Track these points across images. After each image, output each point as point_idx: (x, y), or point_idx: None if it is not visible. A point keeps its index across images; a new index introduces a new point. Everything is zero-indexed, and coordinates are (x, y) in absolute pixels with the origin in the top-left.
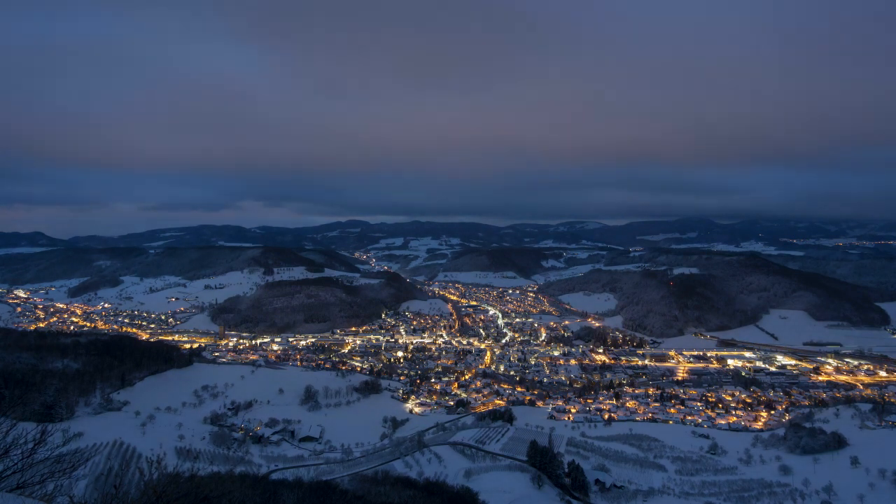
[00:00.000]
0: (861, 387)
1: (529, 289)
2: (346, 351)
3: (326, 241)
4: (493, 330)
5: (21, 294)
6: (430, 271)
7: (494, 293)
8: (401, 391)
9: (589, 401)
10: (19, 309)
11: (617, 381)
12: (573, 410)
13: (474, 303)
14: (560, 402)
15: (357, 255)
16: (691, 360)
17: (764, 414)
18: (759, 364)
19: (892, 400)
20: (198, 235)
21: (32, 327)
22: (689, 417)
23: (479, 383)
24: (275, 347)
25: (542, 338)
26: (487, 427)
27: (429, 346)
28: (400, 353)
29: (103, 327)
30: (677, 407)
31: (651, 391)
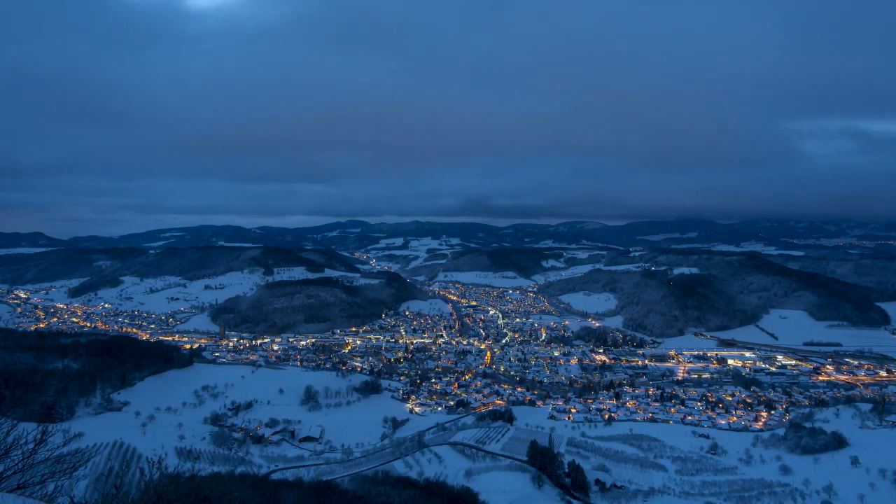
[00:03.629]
0: (861, 387)
1: (529, 289)
2: (347, 351)
3: (326, 242)
4: (493, 330)
5: (21, 294)
6: (430, 271)
7: (494, 293)
8: (401, 391)
9: (589, 401)
10: (19, 309)
11: (617, 381)
12: (573, 410)
13: (474, 303)
14: (560, 402)
15: (357, 255)
16: (691, 360)
17: (764, 414)
18: (760, 364)
19: (892, 400)
20: (198, 235)
21: (32, 327)
22: (690, 417)
23: (479, 383)
24: (275, 347)
25: (543, 338)
26: (487, 427)
27: (429, 347)
28: (400, 354)
29: (103, 327)
30: (677, 407)
31: (651, 391)
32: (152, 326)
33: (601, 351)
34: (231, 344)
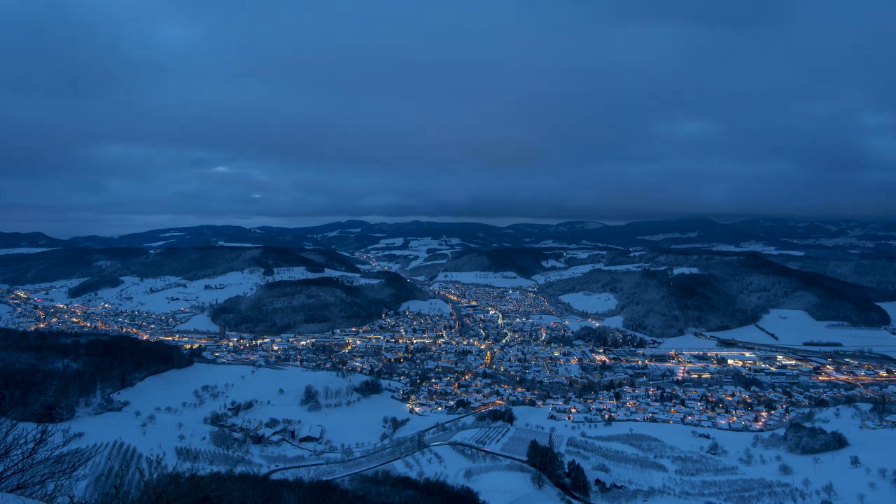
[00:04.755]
0: (861, 387)
1: (529, 289)
2: (347, 351)
3: (326, 242)
4: (493, 330)
5: (21, 294)
6: (431, 271)
7: (494, 293)
8: (401, 391)
9: (589, 401)
10: (19, 309)
11: (617, 381)
12: (573, 410)
13: (474, 303)
14: (560, 402)
15: (357, 255)
16: (691, 360)
17: (764, 414)
18: (760, 364)
19: (892, 400)
20: (198, 236)
21: (32, 327)
22: (690, 417)
23: (479, 383)
24: (275, 347)
25: (543, 338)
26: (488, 427)
27: (429, 347)
28: (400, 354)
29: (103, 327)
30: (677, 407)
31: (651, 391)
32: (152, 326)
33: (601, 351)
34: (231, 344)
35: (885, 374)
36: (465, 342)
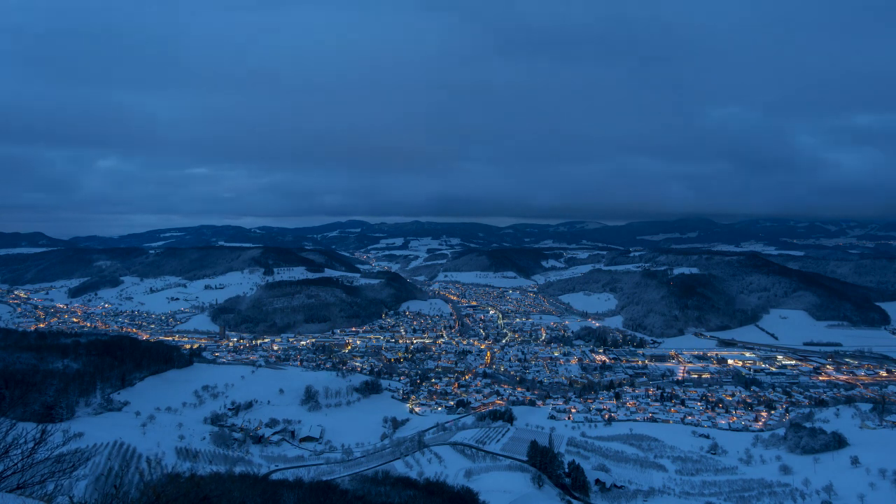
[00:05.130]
0: (861, 387)
1: (529, 289)
2: (347, 351)
3: (326, 242)
4: (493, 330)
5: (21, 294)
6: (431, 271)
7: (494, 293)
8: (401, 391)
9: (589, 401)
10: (19, 309)
11: (617, 381)
12: (573, 410)
13: (474, 303)
14: (560, 402)
15: (357, 255)
16: (691, 360)
17: (764, 414)
18: (760, 364)
19: (892, 400)
20: (198, 236)
21: (32, 327)
22: (690, 417)
23: (479, 383)
24: (275, 347)
25: (543, 338)
26: (488, 427)
27: (429, 347)
28: (400, 354)
29: (103, 327)
30: (677, 407)
31: (651, 391)
32: (152, 326)
33: (601, 351)
34: (231, 344)
35: (885, 374)
36: (465, 342)
